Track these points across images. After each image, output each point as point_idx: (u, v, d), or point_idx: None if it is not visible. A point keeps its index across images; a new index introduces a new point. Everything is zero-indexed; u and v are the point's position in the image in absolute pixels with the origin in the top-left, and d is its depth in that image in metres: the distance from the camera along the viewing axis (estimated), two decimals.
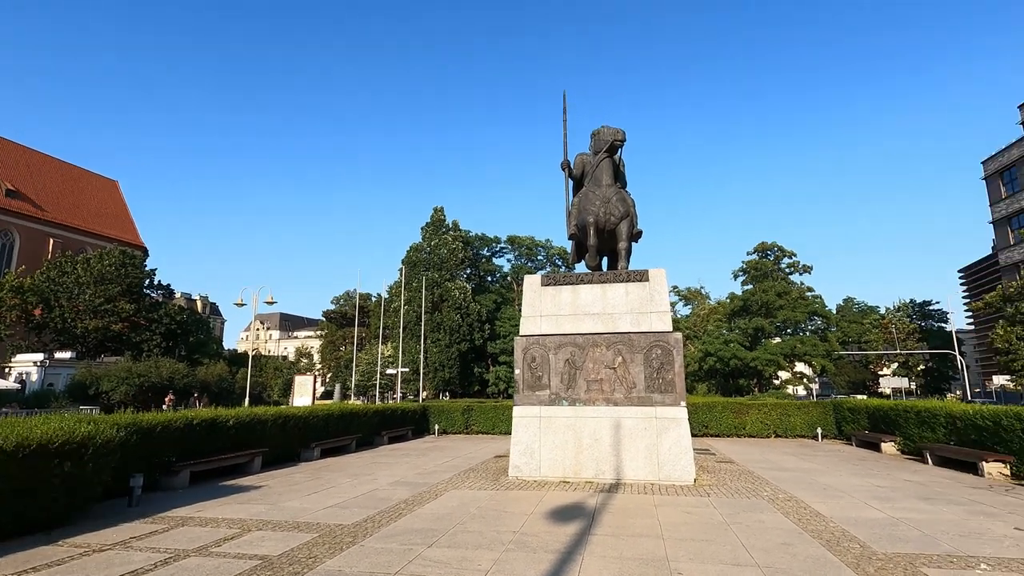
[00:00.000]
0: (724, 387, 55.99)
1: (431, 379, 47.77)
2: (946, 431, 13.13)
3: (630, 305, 11.24)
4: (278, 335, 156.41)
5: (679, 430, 10.37)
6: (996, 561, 5.63)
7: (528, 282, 12.04)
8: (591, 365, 11.06)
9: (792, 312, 52.65)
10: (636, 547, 6.12)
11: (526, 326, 11.66)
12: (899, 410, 15.19)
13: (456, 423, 22.61)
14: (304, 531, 6.92)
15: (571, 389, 11.05)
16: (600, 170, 12.93)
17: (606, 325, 11.21)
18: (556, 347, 11.30)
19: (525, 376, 11.35)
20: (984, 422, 11.63)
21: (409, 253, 50.27)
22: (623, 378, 10.86)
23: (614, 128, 12.93)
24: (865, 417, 17.49)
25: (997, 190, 50.63)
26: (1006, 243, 49.66)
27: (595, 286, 11.56)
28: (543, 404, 11.10)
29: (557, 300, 11.64)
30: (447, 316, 47.53)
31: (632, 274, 11.46)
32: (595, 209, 12.42)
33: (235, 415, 11.89)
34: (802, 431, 19.77)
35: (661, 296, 11.20)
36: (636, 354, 10.90)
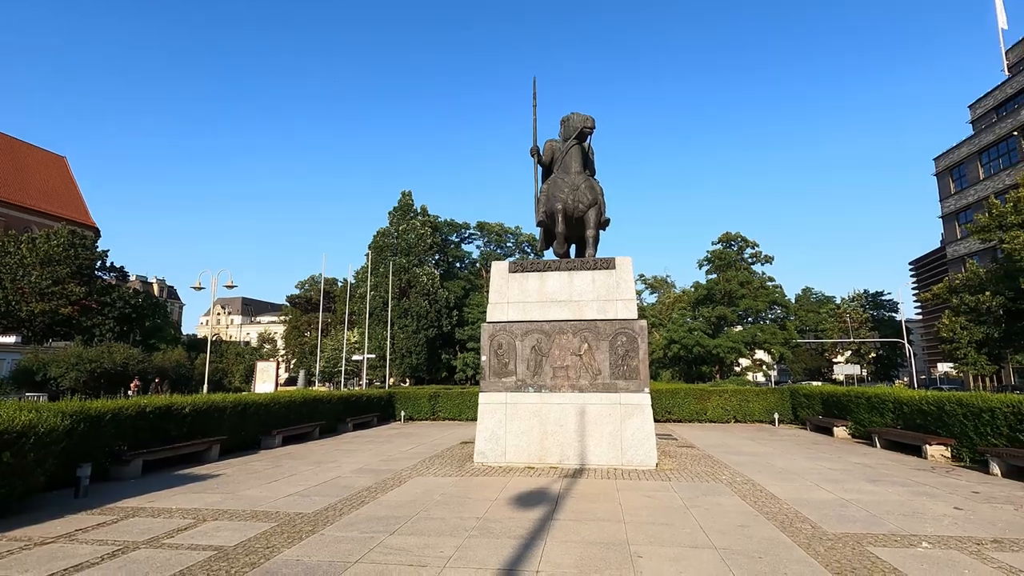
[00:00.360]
0: (688, 374, 57.35)
1: (398, 365, 47.37)
2: (894, 416, 13.73)
3: (596, 293, 11.30)
4: (240, 320, 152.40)
5: (642, 416, 10.53)
6: (936, 539, 5.91)
7: (496, 269, 11.97)
8: (557, 352, 11.11)
9: (754, 301, 54.11)
10: (598, 531, 6.20)
11: (493, 312, 11.61)
12: (851, 396, 15.82)
13: (422, 410, 22.50)
14: (262, 520, 6.76)
15: (537, 375, 11.08)
16: (569, 157, 12.89)
17: (573, 312, 11.25)
18: (523, 334, 11.30)
19: (491, 362, 11.32)
20: (928, 407, 12.21)
21: (376, 238, 49.42)
22: (589, 365, 10.94)
23: (584, 115, 12.88)
24: (819, 403, 18.15)
25: (947, 186, 52.88)
26: (954, 237, 52.03)
27: (562, 273, 11.57)
28: (509, 390, 11.11)
29: (524, 287, 11.61)
30: (415, 302, 47.08)
31: (599, 262, 11.51)
32: (564, 196, 12.40)
33: (191, 402, 11.51)
34: (760, 416, 20.42)
35: (627, 284, 11.29)
36: (602, 341, 10.98)
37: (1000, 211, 22.72)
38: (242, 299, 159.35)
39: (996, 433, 10.26)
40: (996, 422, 10.24)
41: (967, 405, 11.00)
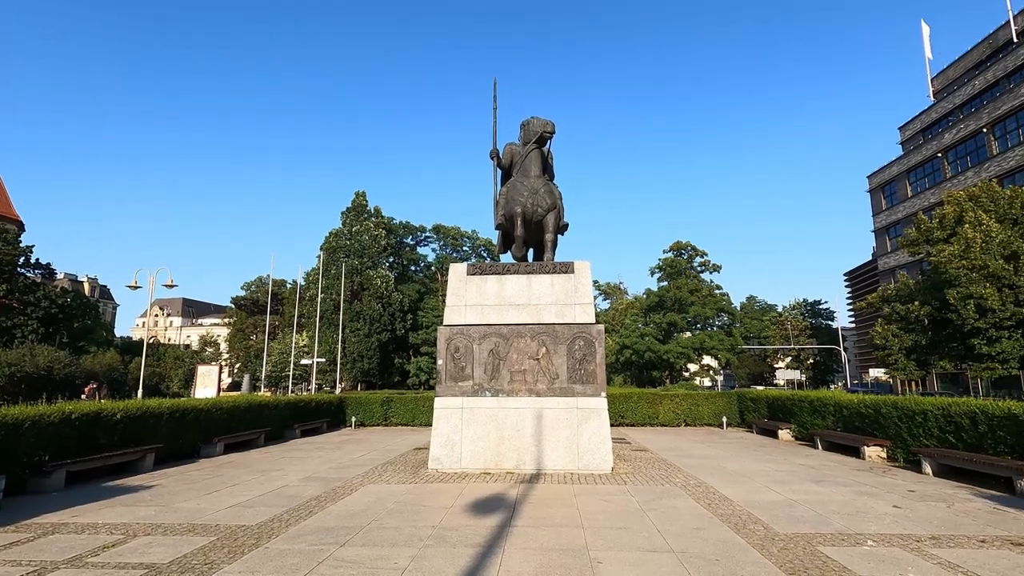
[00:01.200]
0: (639, 378, 58.53)
1: (349, 370, 46.15)
2: (834, 419, 14.35)
3: (555, 296, 11.29)
4: (180, 322, 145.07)
5: (599, 420, 10.56)
6: (880, 537, 6.13)
7: (454, 271, 11.78)
8: (515, 356, 11.01)
9: (702, 308, 55.83)
10: (557, 537, 6.10)
11: (450, 316, 11.40)
12: (794, 400, 16.45)
13: (375, 415, 21.92)
14: (200, 534, 6.31)
15: (495, 380, 10.94)
16: (529, 161, 12.87)
17: (531, 316, 11.18)
18: (481, 337, 11.14)
19: (448, 367, 11.10)
20: (866, 410, 12.82)
21: (328, 239, 48.03)
22: (546, 369, 10.89)
23: (544, 119, 12.90)
24: (765, 407, 18.80)
25: (879, 202, 56.28)
26: (885, 250, 55.37)
27: (521, 276, 11.50)
28: (466, 395, 10.92)
29: (483, 290, 11.47)
30: (367, 305, 46.02)
31: (558, 266, 11.51)
32: (523, 200, 12.36)
33: (123, 408, 10.73)
34: (709, 420, 20.96)
35: (585, 288, 11.33)
36: (560, 345, 10.96)
37: (927, 227, 24.33)
38: (183, 300, 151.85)
39: (927, 434, 10.85)
40: (928, 424, 10.83)
41: (901, 408, 11.60)
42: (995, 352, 20.57)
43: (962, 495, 8.41)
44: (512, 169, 13.30)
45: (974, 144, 44.63)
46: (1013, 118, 40.95)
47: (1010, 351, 20.47)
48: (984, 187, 23.98)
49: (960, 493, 8.58)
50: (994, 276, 20.29)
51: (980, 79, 45.87)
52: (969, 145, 45.23)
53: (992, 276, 20.33)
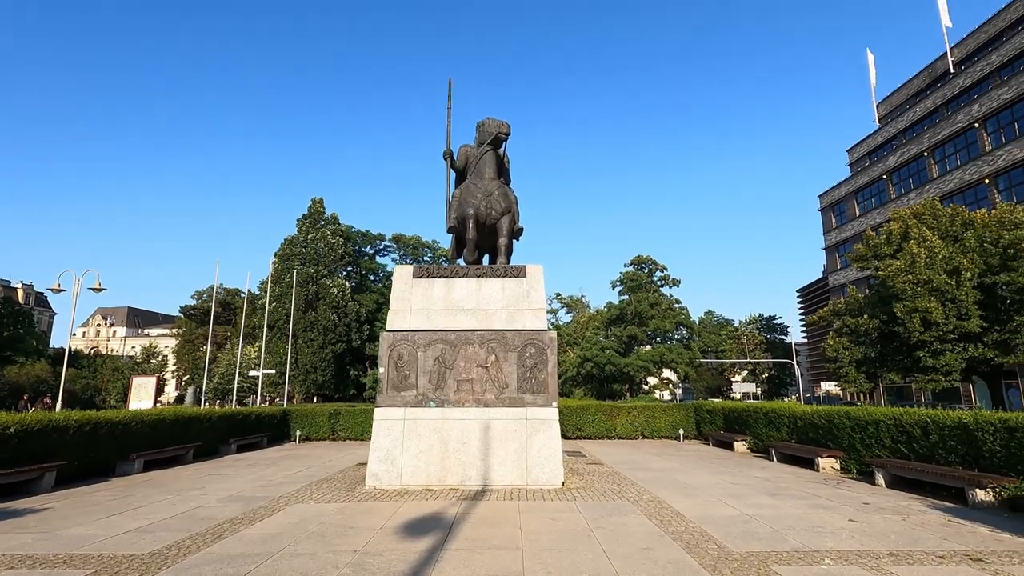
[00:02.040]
0: (599, 391, 58.45)
1: (301, 382, 44.30)
2: (789, 430, 14.22)
3: (506, 301, 10.73)
4: (125, 332, 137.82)
5: (549, 432, 10.00)
6: (838, 555, 5.73)
7: (399, 273, 11.09)
8: (463, 364, 10.37)
9: (662, 322, 56.35)
10: (492, 563, 5.46)
11: (394, 320, 10.68)
12: (750, 411, 16.32)
13: (321, 428, 20.76)
14: (77, 566, 5.40)
15: (440, 389, 10.26)
16: (483, 163, 12.40)
17: (480, 321, 10.59)
18: (426, 344, 10.46)
19: (390, 375, 10.36)
20: (820, 421, 12.69)
21: (283, 246, 46.27)
22: (495, 378, 10.29)
23: (499, 120, 12.48)
24: (721, 418, 18.65)
25: (830, 221, 58.35)
26: (835, 267, 57.33)
27: (471, 280, 10.91)
28: (409, 405, 10.19)
29: (429, 294, 10.81)
30: (322, 315, 44.42)
31: (509, 269, 10.98)
32: (476, 202, 11.86)
33: (18, 420, 9.54)
34: (666, 432, 20.70)
35: (537, 293, 10.83)
36: (510, 353, 10.40)
37: (875, 242, 25.02)
38: (128, 309, 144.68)
39: (880, 445, 10.72)
40: (880, 434, 10.71)
41: (854, 419, 11.48)
42: (939, 365, 21.11)
43: (916, 507, 8.19)
44: (467, 171, 12.82)
45: (916, 167, 46.78)
46: (951, 143, 43.13)
47: (953, 364, 21.04)
48: (927, 205, 24.87)
49: (914, 505, 8.36)
50: (938, 291, 20.89)
51: (921, 106, 48.29)
52: (912, 168, 47.38)
53: (936, 290, 20.92)
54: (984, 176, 39.01)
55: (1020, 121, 37.43)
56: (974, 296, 20.62)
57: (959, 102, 43.85)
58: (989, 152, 38.99)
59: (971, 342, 21.17)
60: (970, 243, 21.68)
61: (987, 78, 41.50)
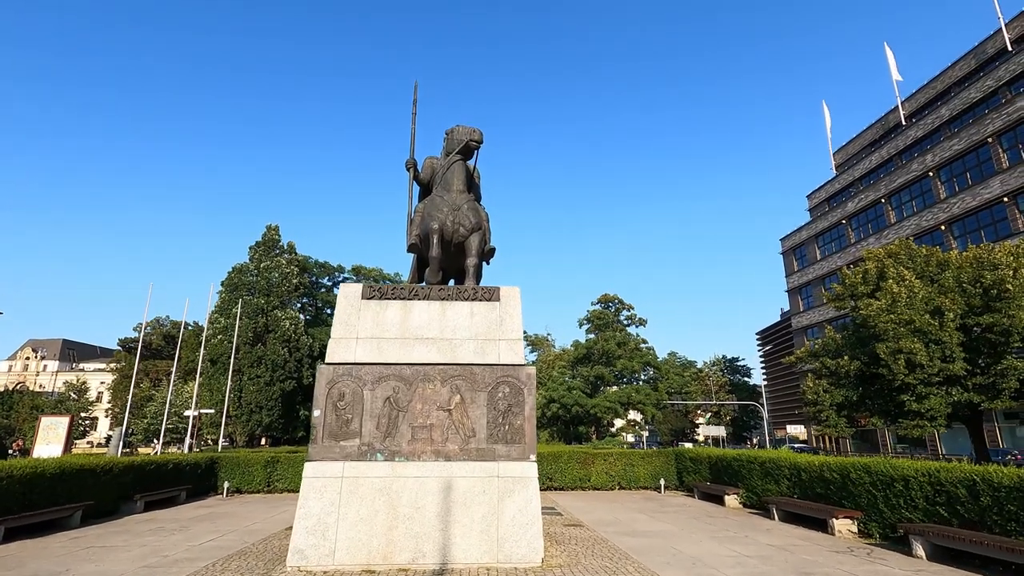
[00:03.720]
0: (565, 434, 56.26)
1: (245, 422, 40.55)
2: (790, 483, 12.59)
3: (475, 330, 8.88)
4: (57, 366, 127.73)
5: (526, 492, 8.02)
6: None
7: (344, 293, 9.11)
8: (420, 406, 8.38)
9: (629, 362, 55.15)
10: None
11: (336, 351, 8.65)
12: (742, 460, 14.66)
13: (255, 479, 17.98)
14: None
15: (390, 437, 8.20)
16: (451, 173, 10.79)
17: (444, 354, 8.67)
18: (375, 381, 8.44)
19: (328, 420, 8.25)
20: (831, 475, 11.10)
21: (231, 275, 43.13)
22: (460, 424, 8.32)
23: (470, 127, 10.95)
24: (707, 467, 16.94)
25: (791, 264, 59.14)
26: (797, 309, 57.75)
27: (433, 303, 9.03)
28: (349, 459, 8.07)
29: (381, 319, 8.86)
30: (272, 349, 41.14)
31: (480, 291, 9.17)
32: (442, 216, 10.16)
33: None
34: (646, 482, 18.82)
35: (513, 321, 9.02)
36: (478, 392, 8.48)
37: (852, 281, 24.46)
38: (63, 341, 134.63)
39: (910, 505, 9.16)
40: (910, 493, 9.16)
41: (876, 473, 9.93)
42: (924, 409, 20.19)
43: None
44: (431, 185, 11.21)
45: (874, 212, 47.91)
46: (907, 190, 44.36)
47: (937, 408, 20.16)
48: (902, 244, 24.56)
49: None
50: (921, 331, 20.16)
51: (876, 155, 49.98)
52: (870, 214, 48.52)
53: (919, 331, 20.18)
54: (940, 223, 39.93)
55: (972, 171, 38.71)
56: (958, 338, 19.92)
57: (912, 152, 45.46)
58: (944, 199, 40.07)
59: (954, 385, 20.36)
60: (949, 283, 21.20)
61: (938, 130, 43.18)
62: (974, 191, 37.83)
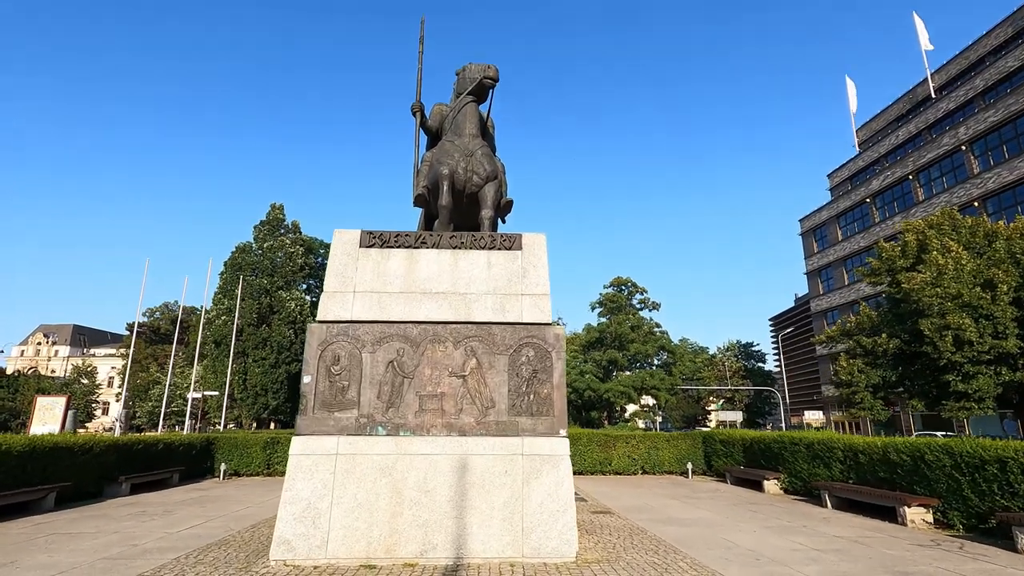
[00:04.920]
0: (577, 419, 55.04)
1: (250, 405, 39.70)
2: (843, 468, 11.21)
3: (493, 283, 7.52)
4: (68, 352, 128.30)
5: (556, 473, 6.70)
6: None
7: (339, 239, 7.75)
8: (429, 372, 7.06)
9: (643, 346, 53.68)
10: None
11: (330, 307, 7.33)
12: (784, 443, 13.28)
13: (253, 461, 16.88)
14: None
15: (394, 408, 6.91)
16: (463, 116, 9.45)
17: (456, 311, 7.33)
18: (375, 342, 7.13)
19: (320, 387, 6.96)
20: (899, 457, 9.70)
21: (235, 255, 42.04)
22: (476, 392, 7.00)
23: (484, 64, 9.56)
24: (740, 450, 15.58)
25: (811, 246, 57.19)
26: (817, 292, 55.91)
27: (443, 252, 7.67)
28: (345, 433, 6.79)
29: (383, 270, 7.52)
30: (277, 330, 40.13)
31: (498, 239, 7.80)
32: (453, 163, 8.83)
33: None
34: (671, 467, 17.52)
35: (538, 273, 7.65)
36: (498, 356, 7.15)
37: (889, 255, 22.85)
38: (74, 327, 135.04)
39: (1008, 492, 7.76)
40: (1008, 477, 7.76)
41: (960, 455, 8.52)
42: (971, 390, 18.72)
43: None
44: (441, 133, 9.89)
45: (900, 190, 45.84)
46: (937, 166, 42.25)
47: (986, 389, 18.68)
48: (945, 215, 22.85)
49: None
50: (969, 306, 18.61)
51: (903, 130, 47.74)
52: (896, 191, 46.44)
53: (967, 306, 18.63)
54: (973, 198, 37.91)
55: (1009, 143, 36.60)
56: (1011, 312, 18.34)
57: (943, 126, 43.25)
58: (977, 174, 38.02)
59: (1006, 364, 18.82)
60: (1000, 255, 19.56)
61: (971, 102, 40.95)
62: (1011, 164, 35.75)
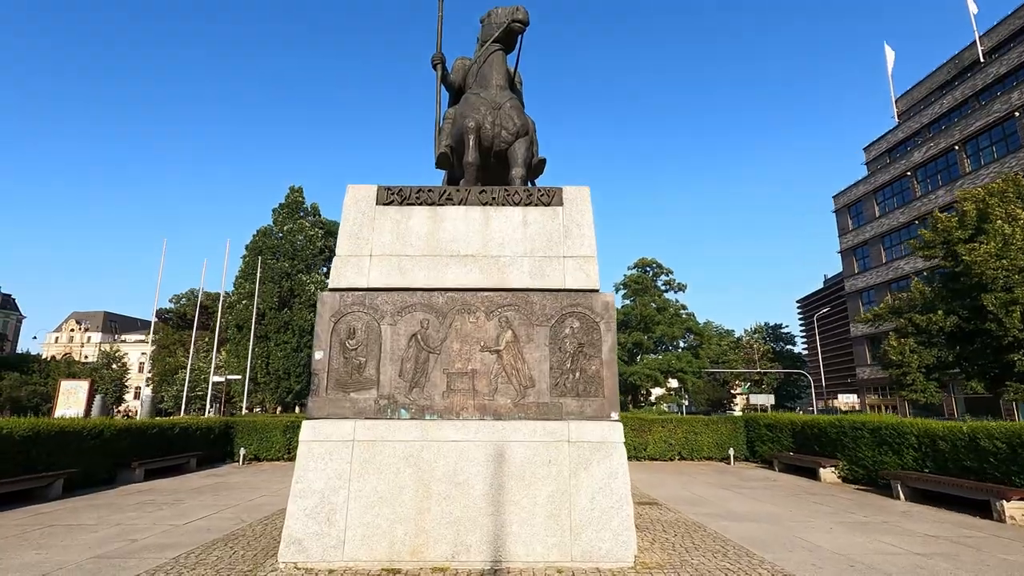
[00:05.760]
0: None
1: (273, 389, 39.57)
2: (918, 455, 10.01)
3: (530, 244, 6.48)
4: (100, 338, 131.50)
5: (609, 463, 5.71)
6: None
7: (353, 196, 6.76)
8: (458, 346, 6.09)
9: (669, 328, 52.27)
10: None
11: (343, 273, 6.39)
12: (843, 428, 12.07)
13: (274, 446, 16.29)
14: None
15: (419, 388, 5.97)
16: (489, 67, 8.39)
17: (488, 276, 6.33)
18: (396, 312, 6.18)
19: (334, 364, 6.05)
20: (994, 444, 8.48)
21: (255, 238, 41.71)
22: (513, 369, 6.02)
23: (512, 6, 8.45)
24: (789, 436, 14.41)
25: (845, 223, 54.75)
26: (852, 271, 53.64)
27: (472, 209, 6.65)
28: (363, 416, 5.88)
29: (403, 230, 6.54)
30: (298, 314, 39.80)
31: (536, 193, 6.74)
32: (479, 116, 7.80)
33: None
34: (710, 452, 16.44)
35: (582, 232, 6.58)
36: (537, 328, 6.14)
37: (946, 225, 21.17)
38: (105, 314, 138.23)
39: None
40: None
41: None
42: None
43: None
44: (464, 88, 8.84)
45: (945, 162, 43.34)
46: (986, 135, 39.70)
47: None
48: (1009, 181, 21.00)
49: None
50: None
51: (948, 98, 44.99)
52: (940, 163, 43.93)
53: None
54: None
55: None
56: None
57: (994, 91, 40.49)
58: None
59: None
60: None
61: None
62: None
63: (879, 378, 48.11)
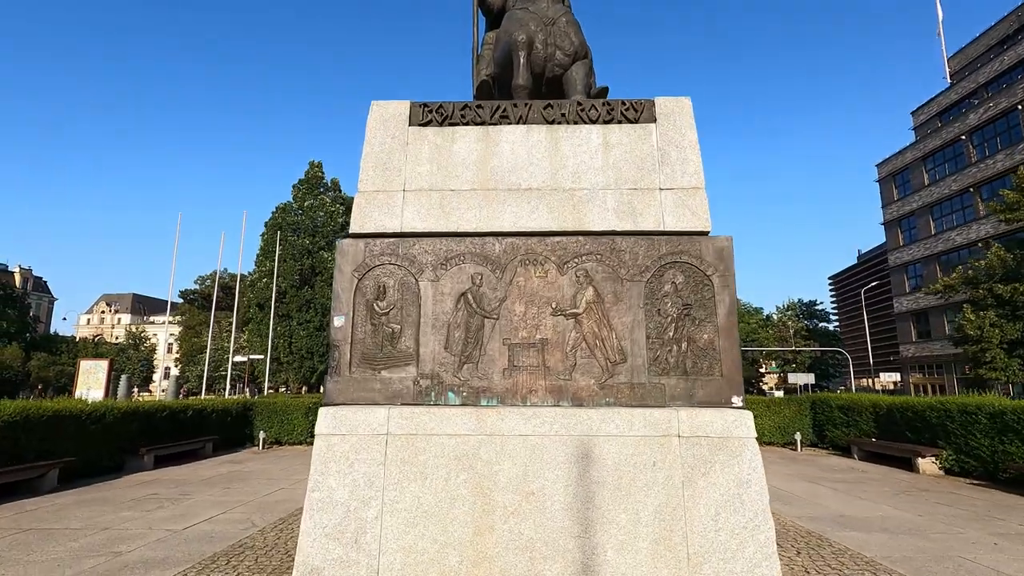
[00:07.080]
0: None
1: (296, 368, 38.89)
2: None
3: (615, 173, 4.87)
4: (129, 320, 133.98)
5: (738, 467, 4.15)
6: None
7: (379, 116, 5.18)
8: (521, 309, 4.55)
9: None
10: None
11: (369, 214, 4.86)
12: (949, 411, 10.31)
13: (296, 429, 15.15)
14: None
15: (471, 364, 4.46)
16: None
17: (558, 216, 4.75)
18: (439, 264, 4.65)
19: (359, 334, 4.57)
20: None
21: (275, 215, 40.70)
22: (597, 340, 4.47)
23: None
24: (870, 419, 12.69)
25: (890, 193, 51.56)
26: (896, 244, 50.64)
27: (535, 129, 5.04)
28: (399, 402, 4.41)
29: (445, 158, 4.97)
30: (320, 292, 38.89)
31: (619, 106, 5.10)
32: (530, 31, 6.09)
33: None
34: (771, 436, 14.80)
35: (685, 156, 4.93)
36: (627, 283, 4.56)
37: None
38: (133, 296, 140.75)
39: None
40: None
41: None
42: None
43: None
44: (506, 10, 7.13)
45: (1005, 124, 40.02)
46: None
47: None
48: None
49: None
50: None
51: (1011, 53, 41.40)
52: (999, 125, 40.61)
53: None
54: None
55: None
56: None
57: None
58: None
59: None
60: None
61: None
62: None
63: (924, 356, 45.66)
